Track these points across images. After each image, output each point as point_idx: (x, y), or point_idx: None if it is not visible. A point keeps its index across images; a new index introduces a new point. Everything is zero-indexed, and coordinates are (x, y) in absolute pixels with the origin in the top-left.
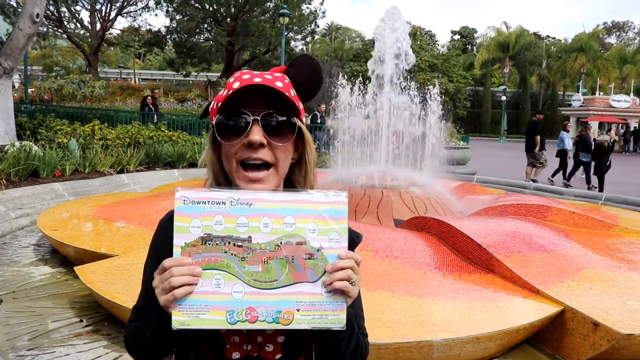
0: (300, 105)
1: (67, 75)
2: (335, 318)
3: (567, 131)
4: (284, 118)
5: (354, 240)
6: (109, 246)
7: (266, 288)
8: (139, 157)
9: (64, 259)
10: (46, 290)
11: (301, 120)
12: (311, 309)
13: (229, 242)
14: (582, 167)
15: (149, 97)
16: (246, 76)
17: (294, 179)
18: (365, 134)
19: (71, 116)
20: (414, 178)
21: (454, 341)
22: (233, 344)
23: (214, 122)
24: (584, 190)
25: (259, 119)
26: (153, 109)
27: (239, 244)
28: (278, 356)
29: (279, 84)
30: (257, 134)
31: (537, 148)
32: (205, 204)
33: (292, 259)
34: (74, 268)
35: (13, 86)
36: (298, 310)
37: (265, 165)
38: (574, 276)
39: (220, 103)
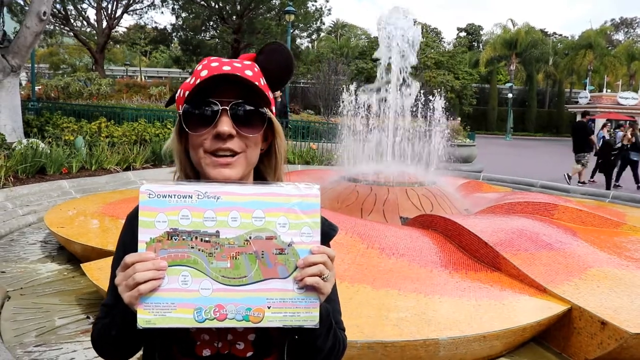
0: (270, 95)
1: (73, 73)
2: (307, 315)
3: (609, 131)
4: (254, 108)
5: (328, 233)
6: (115, 243)
7: (235, 285)
8: (145, 154)
9: (71, 256)
10: (53, 287)
11: (271, 110)
12: (282, 306)
13: (196, 237)
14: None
15: None
16: (215, 64)
17: (264, 171)
18: (371, 131)
19: (78, 114)
20: (420, 176)
21: (460, 339)
22: (203, 341)
23: (180, 111)
24: (591, 189)
25: (227, 108)
26: None
27: (207, 239)
28: (249, 354)
29: (248, 73)
30: (225, 125)
31: (593, 149)
32: (171, 197)
33: (262, 254)
34: (81, 265)
35: (20, 84)
36: (269, 308)
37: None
38: (581, 274)
39: (187, 92)
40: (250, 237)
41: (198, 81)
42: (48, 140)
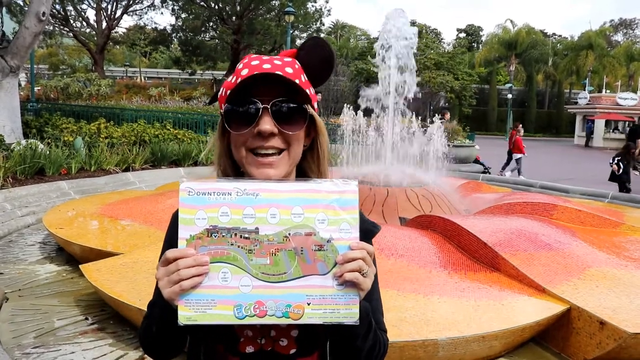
0: (312, 91)
1: (73, 74)
2: (347, 312)
3: None
4: (295, 105)
5: (371, 230)
6: (114, 244)
7: (275, 281)
8: (145, 155)
9: (70, 257)
10: (52, 288)
11: (313, 107)
12: (322, 302)
13: (236, 234)
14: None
15: None
16: (255, 62)
17: (307, 167)
18: (370, 132)
19: (77, 114)
20: (420, 176)
21: (459, 340)
22: (247, 338)
23: (222, 110)
24: (590, 189)
25: (268, 107)
26: None
27: (246, 235)
28: (292, 351)
29: (289, 70)
30: (267, 123)
31: (638, 151)
32: (210, 195)
33: (301, 250)
34: (80, 266)
35: (19, 84)
36: (308, 304)
37: (276, 151)
38: (580, 275)
39: (229, 91)
40: (289, 234)
41: (239, 80)
42: (47, 141)
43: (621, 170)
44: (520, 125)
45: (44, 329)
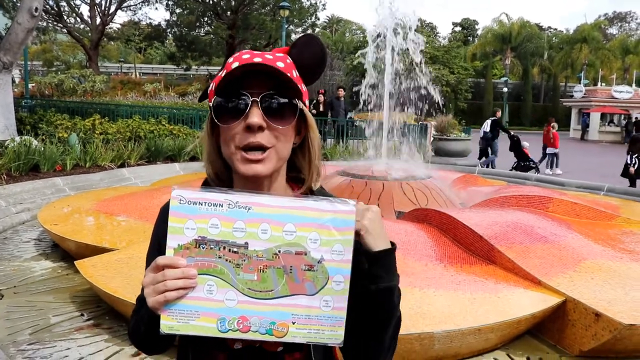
0: (303, 87)
1: (67, 70)
2: (332, 334)
3: None
4: (285, 100)
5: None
6: (110, 240)
7: (261, 298)
8: (140, 151)
9: (65, 253)
10: (47, 285)
11: (304, 103)
12: (307, 322)
13: (224, 247)
14: None
15: None
16: (246, 56)
17: (298, 164)
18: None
19: (71, 111)
20: (415, 170)
21: (455, 332)
22: None
23: (211, 104)
24: (585, 182)
25: (258, 100)
26: None
27: (235, 249)
28: (280, 348)
29: (280, 65)
30: (256, 116)
31: None
32: (201, 205)
33: (291, 269)
34: (75, 262)
35: (13, 81)
36: (293, 323)
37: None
38: (576, 267)
39: (218, 84)
40: (279, 251)
41: (228, 73)
42: (42, 138)
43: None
44: (554, 121)
45: (40, 326)
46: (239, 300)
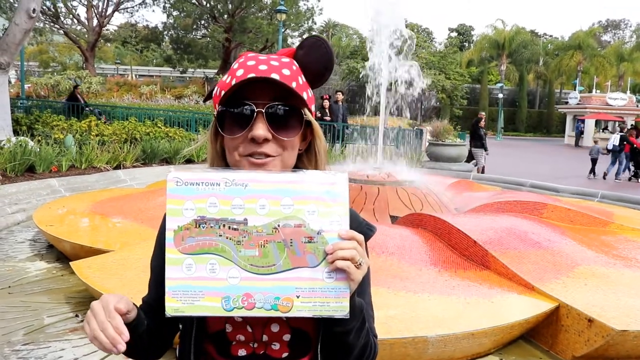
0: (310, 93)
1: (63, 71)
2: (337, 305)
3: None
4: (291, 110)
5: (366, 233)
6: (105, 242)
7: (263, 273)
8: (136, 153)
9: (60, 254)
10: (42, 286)
11: (310, 110)
12: (312, 295)
13: (224, 225)
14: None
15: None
16: (251, 62)
17: (303, 169)
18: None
19: (67, 112)
20: (410, 175)
21: (449, 337)
22: (239, 342)
23: (215, 112)
24: (580, 188)
25: (263, 111)
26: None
27: (235, 226)
28: (285, 354)
29: (285, 72)
30: (261, 129)
31: None
32: (198, 185)
33: (291, 242)
34: (70, 263)
35: (9, 82)
36: (298, 297)
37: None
38: (569, 273)
39: (223, 91)
40: (278, 225)
41: (233, 82)
42: (37, 139)
43: None
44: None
45: (34, 326)
46: (242, 277)
